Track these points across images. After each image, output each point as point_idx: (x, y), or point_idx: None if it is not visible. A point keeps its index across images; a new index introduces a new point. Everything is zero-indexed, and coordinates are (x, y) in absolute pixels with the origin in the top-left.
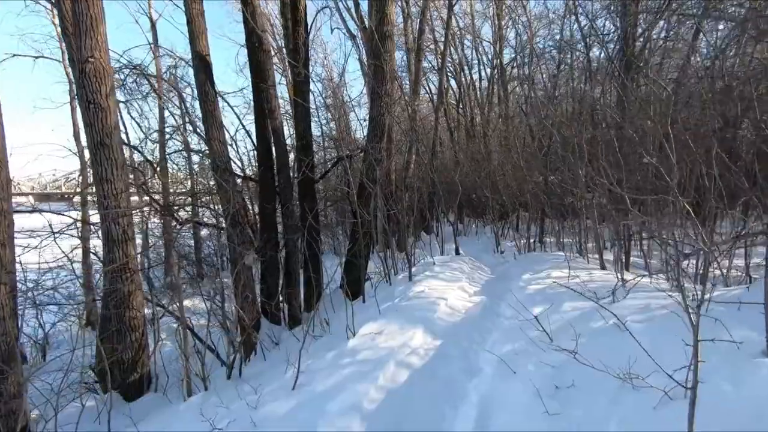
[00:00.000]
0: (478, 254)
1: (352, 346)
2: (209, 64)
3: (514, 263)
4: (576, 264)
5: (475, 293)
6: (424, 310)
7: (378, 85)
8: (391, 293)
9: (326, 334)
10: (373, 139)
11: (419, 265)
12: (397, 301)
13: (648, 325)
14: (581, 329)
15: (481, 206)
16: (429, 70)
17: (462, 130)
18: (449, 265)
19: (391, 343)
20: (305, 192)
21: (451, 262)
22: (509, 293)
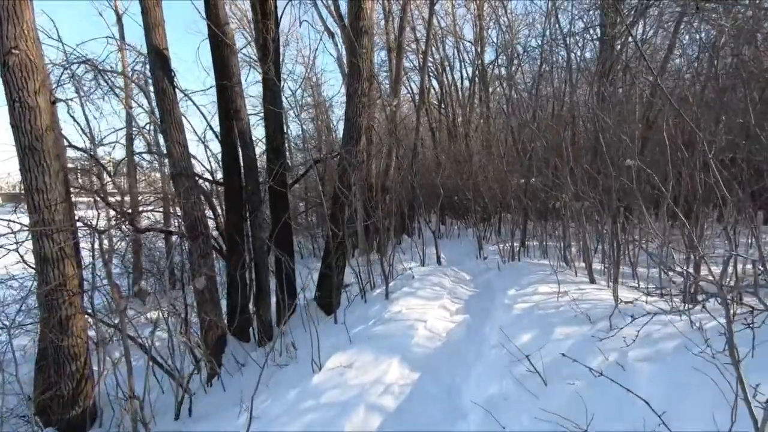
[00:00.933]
0: (460, 259)
1: (317, 382)
2: (167, 58)
3: (498, 274)
4: (563, 276)
5: (458, 311)
6: (401, 335)
7: (354, 83)
8: (366, 314)
9: (292, 361)
10: (348, 142)
11: (398, 279)
12: (372, 323)
13: (659, 367)
14: (579, 367)
15: (462, 208)
16: (410, 69)
17: (443, 130)
18: (429, 279)
19: (362, 379)
20: (276, 199)
21: (432, 275)
22: (494, 311)
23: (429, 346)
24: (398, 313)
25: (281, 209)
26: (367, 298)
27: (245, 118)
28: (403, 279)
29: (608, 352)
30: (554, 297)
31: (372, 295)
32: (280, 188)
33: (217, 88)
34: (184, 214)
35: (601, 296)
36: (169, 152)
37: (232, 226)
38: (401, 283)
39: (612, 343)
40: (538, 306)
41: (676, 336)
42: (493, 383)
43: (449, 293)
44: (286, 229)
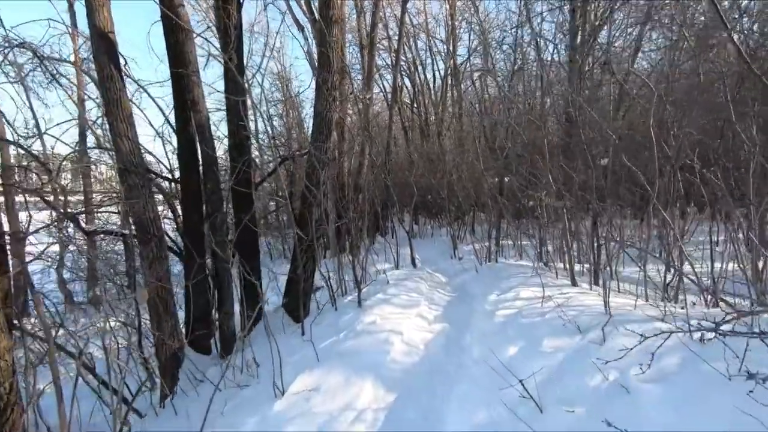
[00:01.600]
0: (435, 259)
1: (279, 410)
2: (113, 42)
3: (476, 277)
4: (543, 279)
5: (436, 319)
6: (375, 350)
7: (323, 75)
8: (336, 324)
9: (253, 380)
10: (317, 137)
11: (371, 284)
12: (343, 336)
13: (667, 389)
14: (576, 388)
15: (436, 207)
16: (383, 67)
17: (416, 129)
18: (405, 284)
19: (330, 405)
20: (240, 199)
21: (408, 279)
22: (475, 319)
23: (406, 362)
24: (372, 323)
25: (245, 210)
26: (339, 305)
27: (204, 111)
28: (377, 284)
29: (606, 370)
30: (538, 302)
31: (343, 302)
32: (244, 188)
33: (172, 77)
34: (133, 215)
35: (586, 301)
36: (116, 146)
37: (190, 229)
38: (375, 289)
39: (608, 358)
40: (522, 313)
41: (678, 348)
42: (480, 408)
43: (426, 299)
44: (250, 231)
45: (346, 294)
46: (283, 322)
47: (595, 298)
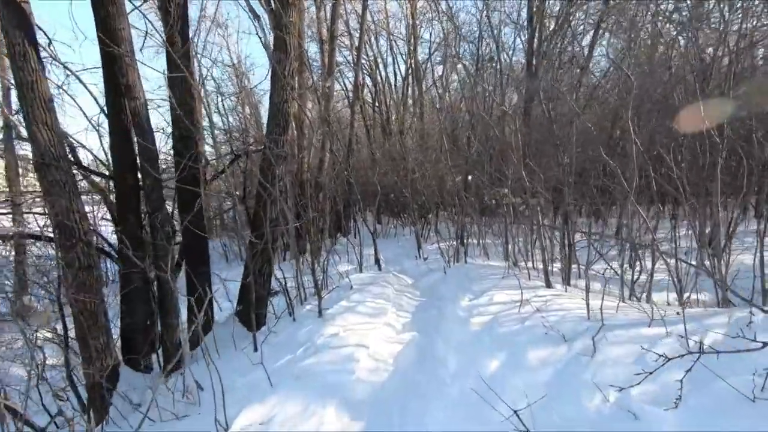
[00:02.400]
0: (399, 259)
1: None
2: (26, 15)
3: (444, 279)
4: (515, 280)
5: (405, 327)
6: (338, 369)
7: (280, 62)
8: (294, 338)
9: (194, 410)
10: (274, 131)
11: (333, 290)
12: (301, 353)
13: (679, 412)
14: (575, 413)
15: (399, 206)
16: (344, 65)
17: (378, 128)
18: (370, 289)
19: None
20: (186, 198)
21: (373, 284)
22: (447, 326)
23: (373, 381)
24: (334, 336)
25: (193, 210)
26: (297, 314)
27: (141, 97)
28: (340, 290)
29: (605, 388)
30: (514, 307)
31: (302, 311)
32: (192, 185)
33: (103, 58)
34: (53, 215)
35: (566, 305)
36: (32, 137)
37: (127, 231)
38: (338, 296)
39: (603, 373)
40: (499, 319)
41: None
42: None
43: (394, 305)
44: (198, 234)
45: (306, 301)
46: (233, 334)
47: (572, 300)
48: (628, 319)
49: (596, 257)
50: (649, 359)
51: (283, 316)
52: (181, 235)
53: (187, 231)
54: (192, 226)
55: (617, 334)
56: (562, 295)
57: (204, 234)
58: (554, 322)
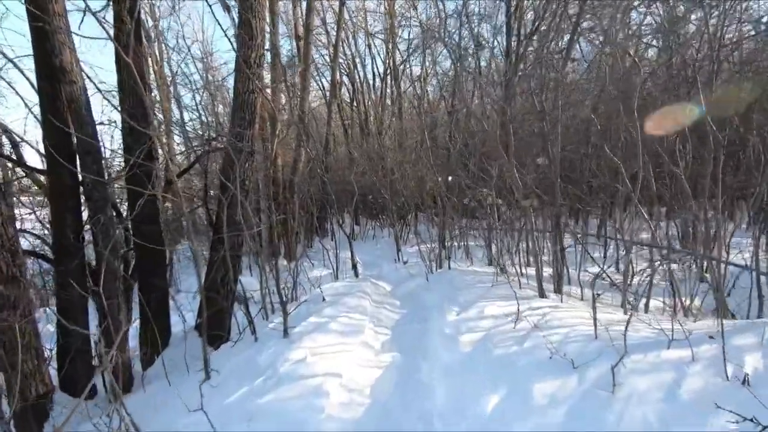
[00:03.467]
0: (378, 262)
1: None
2: None
3: (427, 286)
4: (505, 289)
5: (384, 347)
6: (303, 407)
7: (244, 47)
8: (254, 363)
9: None
10: (238, 123)
11: (303, 303)
12: (260, 384)
13: None
14: None
15: (377, 207)
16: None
17: (356, 127)
18: (345, 301)
19: None
20: (138, 199)
21: (348, 295)
22: (433, 344)
23: (347, 419)
24: (301, 362)
25: (147, 213)
26: (261, 332)
27: (78, 81)
28: (311, 303)
29: None
30: (508, 322)
31: (268, 328)
32: (142, 185)
33: (32, 35)
34: None
35: (566, 319)
36: None
37: (62, 235)
38: (308, 310)
39: (630, 415)
40: (492, 338)
41: (714, 391)
42: None
43: (372, 319)
44: (153, 238)
45: (273, 314)
46: (186, 357)
47: (573, 314)
48: (642, 339)
49: (586, 261)
50: (682, 394)
51: (245, 335)
52: (133, 242)
53: (140, 235)
54: (146, 232)
55: (635, 360)
56: (559, 307)
57: (160, 241)
58: (558, 343)
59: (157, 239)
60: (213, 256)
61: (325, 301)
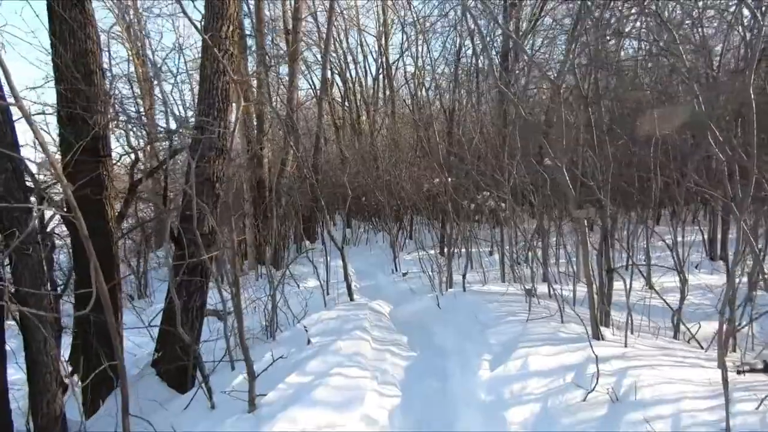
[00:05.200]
0: (372, 272)
1: None
2: None
3: (439, 314)
4: (544, 325)
5: (393, 421)
6: None
7: (212, 21)
8: None
9: None
10: (206, 112)
11: (282, 341)
12: None
13: None
14: None
15: (371, 209)
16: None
17: (347, 127)
18: (338, 346)
19: None
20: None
21: (342, 334)
22: (461, 416)
23: None
24: None
25: (90, 224)
26: (220, 400)
27: None
28: (292, 343)
29: None
30: (572, 386)
31: (234, 383)
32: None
33: None
34: None
35: (660, 385)
36: None
37: None
38: (286, 365)
39: None
40: (555, 418)
41: None
42: None
43: (373, 374)
44: (103, 259)
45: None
46: (141, 402)
47: (661, 372)
48: None
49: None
50: None
51: (199, 399)
52: (73, 262)
53: (80, 254)
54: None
55: None
56: (636, 357)
57: (108, 258)
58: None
59: (105, 255)
60: (176, 275)
61: (311, 344)
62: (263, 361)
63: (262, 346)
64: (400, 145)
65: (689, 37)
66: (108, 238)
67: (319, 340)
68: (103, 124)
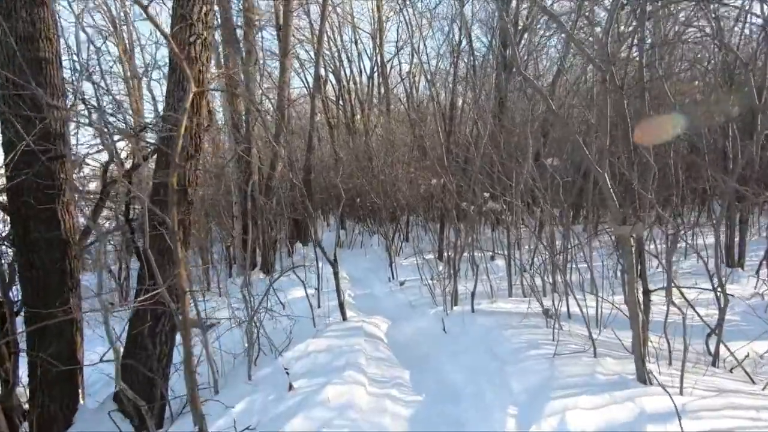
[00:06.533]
0: (367, 279)
1: None
2: None
3: (444, 339)
4: (577, 362)
5: None
6: None
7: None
8: None
9: None
10: (175, 107)
11: (260, 381)
12: None
13: None
14: None
15: (365, 211)
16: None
17: (342, 126)
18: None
19: None
20: (23, 213)
21: (331, 374)
22: None
23: None
24: None
25: (40, 235)
26: None
27: None
28: (271, 390)
29: None
30: None
31: None
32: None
33: None
34: None
35: None
36: None
37: None
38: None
39: None
40: None
41: None
42: None
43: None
44: (47, 272)
45: (217, 394)
46: None
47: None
48: None
49: None
50: None
51: None
52: (19, 278)
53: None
54: (37, 262)
55: None
56: (690, 410)
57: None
58: None
59: (55, 273)
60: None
61: (293, 390)
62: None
63: (235, 388)
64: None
65: None
66: (63, 252)
67: (303, 384)
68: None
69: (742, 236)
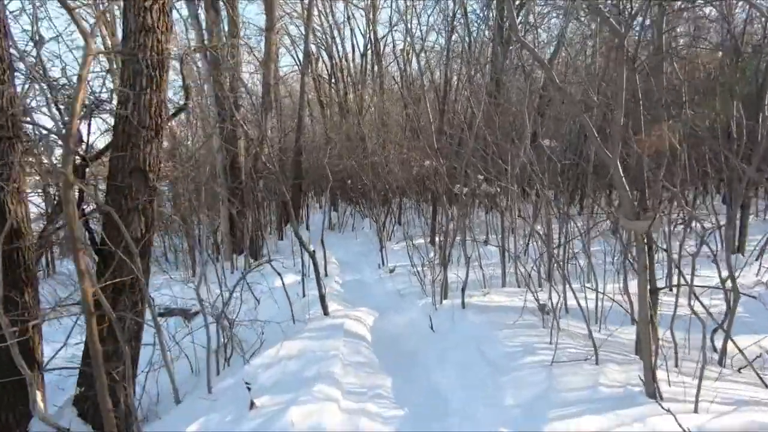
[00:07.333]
0: (357, 263)
1: None
2: None
3: (432, 339)
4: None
5: None
6: None
7: None
8: None
9: None
10: (131, 82)
11: (220, 395)
12: None
13: None
14: None
15: (357, 193)
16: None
17: (334, 106)
18: (290, 408)
19: None
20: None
21: (298, 390)
22: None
23: None
24: None
25: None
26: None
27: None
28: (231, 408)
29: None
30: None
31: None
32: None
33: None
34: None
35: None
36: None
37: None
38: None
39: None
40: None
41: None
42: None
43: None
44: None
45: (179, 404)
46: None
47: None
48: None
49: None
50: None
51: None
52: None
53: None
54: None
55: None
56: (707, 430)
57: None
58: None
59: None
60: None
61: (255, 408)
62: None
63: (193, 403)
64: (389, 125)
65: None
66: (11, 243)
67: (266, 402)
68: (8, 96)
69: (742, 221)
